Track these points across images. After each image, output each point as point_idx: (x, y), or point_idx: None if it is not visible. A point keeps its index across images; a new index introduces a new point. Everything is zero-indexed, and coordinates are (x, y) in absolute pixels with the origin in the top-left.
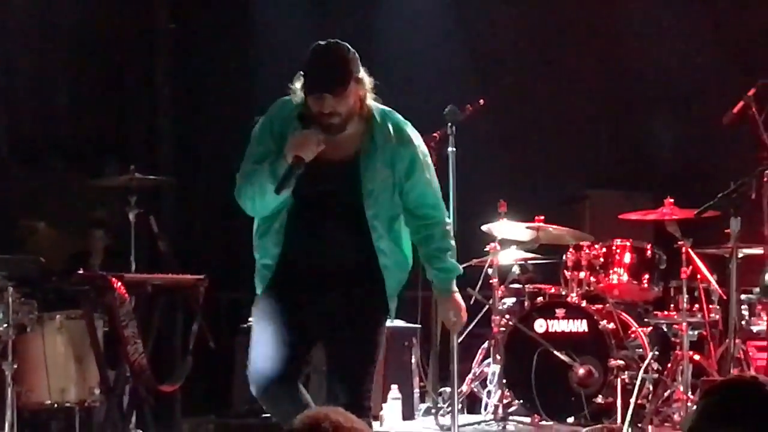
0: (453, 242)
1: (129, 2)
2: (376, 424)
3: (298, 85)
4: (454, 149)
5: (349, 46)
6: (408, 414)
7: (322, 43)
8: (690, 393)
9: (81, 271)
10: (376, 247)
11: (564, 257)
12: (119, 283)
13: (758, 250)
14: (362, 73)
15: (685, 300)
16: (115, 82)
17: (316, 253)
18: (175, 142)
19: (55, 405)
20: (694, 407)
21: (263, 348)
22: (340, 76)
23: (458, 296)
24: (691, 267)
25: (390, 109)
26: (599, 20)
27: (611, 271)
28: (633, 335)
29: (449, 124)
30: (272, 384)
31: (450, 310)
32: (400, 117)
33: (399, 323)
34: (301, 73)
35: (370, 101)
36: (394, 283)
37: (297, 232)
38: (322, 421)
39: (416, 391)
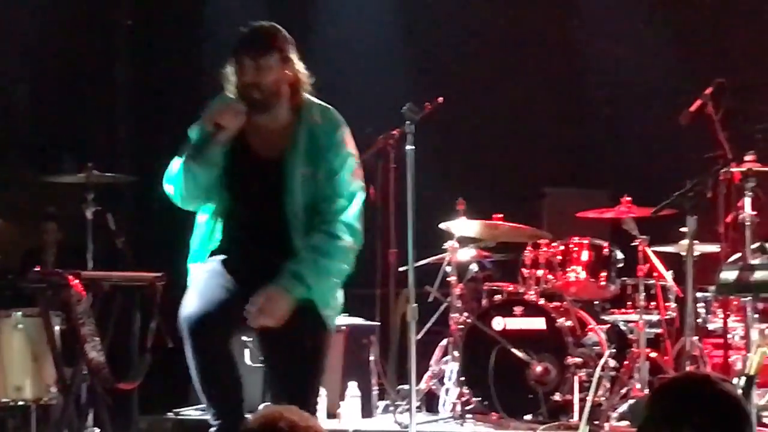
0: (333, 260)
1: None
2: (334, 422)
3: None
4: (413, 147)
5: (284, 30)
6: (366, 412)
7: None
8: (646, 390)
9: (38, 269)
10: (293, 244)
11: (522, 255)
12: (76, 281)
13: (714, 249)
14: (294, 56)
15: (641, 298)
16: (73, 79)
17: (245, 251)
18: (134, 140)
19: (11, 403)
20: (643, 401)
21: (198, 291)
22: (261, 42)
23: (285, 303)
24: (647, 265)
25: (329, 106)
26: (557, 19)
27: (569, 269)
28: (590, 333)
29: (408, 121)
30: (203, 320)
31: (267, 299)
32: (336, 115)
33: (357, 321)
34: None
35: (308, 96)
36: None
37: (229, 233)
38: (278, 420)
39: (375, 388)
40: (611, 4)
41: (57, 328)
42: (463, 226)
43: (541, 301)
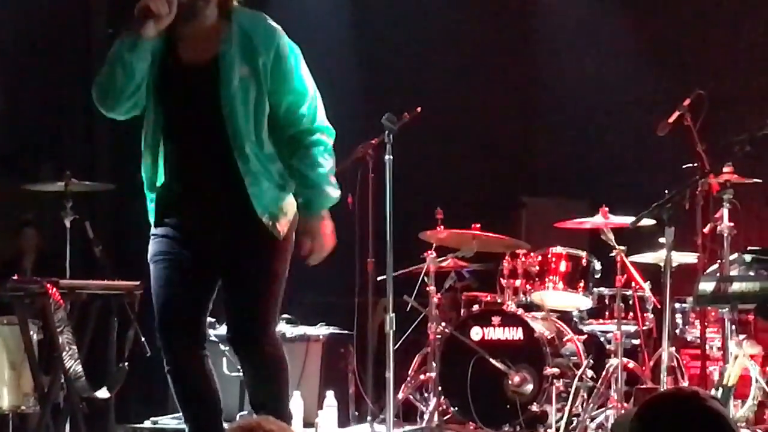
0: (327, 161)
1: (66, 7)
2: (311, 431)
3: None
4: (391, 157)
5: None
6: (344, 421)
7: None
8: (624, 401)
9: (15, 277)
10: (234, 147)
11: (500, 265)
12: (54, 289)
13: (692, 259)
14: None
15: (619, 308)
16: (52, 87)
17: (187, 177)
18: (113, 148)
19: None
20: (624, 412)
21: (163, 298)
22: None
23: (324, 223)
24: (625, 275)
25: (260, 12)
26: (535, 28)
27: (547, 279)
28: (568, 343)
29: (386, 131)
30: (173, 323)
31: (309, 234)
32: (269, 19)
33: (335, 330)
34: None
35: (237, 4)
36: (262, 194)
37: (170, 155)
38: (256, 430)
39: (352, 398)
40: (590, 13)
41: (34, 336)
42: (441, 235)
43: (519, 311)
